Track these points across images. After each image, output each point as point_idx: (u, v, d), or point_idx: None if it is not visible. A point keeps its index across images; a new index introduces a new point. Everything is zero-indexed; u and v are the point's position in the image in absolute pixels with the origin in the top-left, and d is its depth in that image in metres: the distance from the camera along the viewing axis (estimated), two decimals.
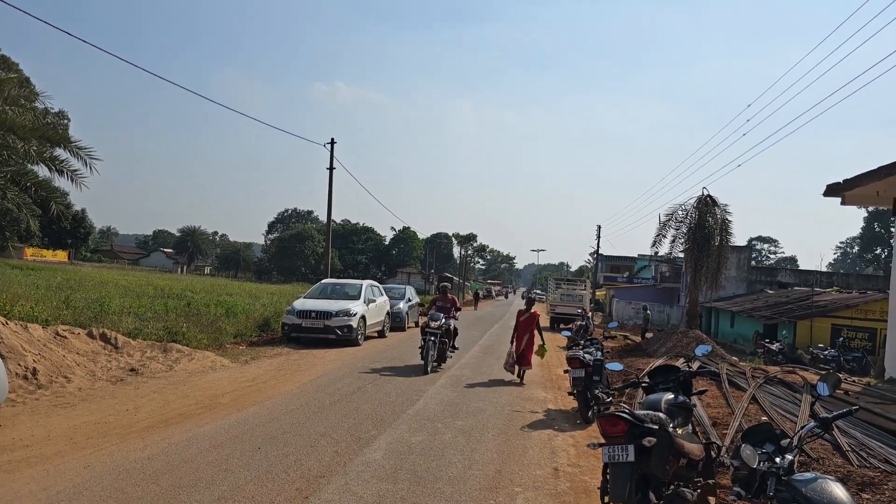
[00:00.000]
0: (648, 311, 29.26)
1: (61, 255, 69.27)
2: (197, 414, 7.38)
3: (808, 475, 2.97)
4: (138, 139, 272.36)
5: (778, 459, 3.09)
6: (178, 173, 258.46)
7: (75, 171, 11.90)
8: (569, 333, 11.66)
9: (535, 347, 11.79)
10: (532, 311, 11.97)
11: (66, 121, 36.95)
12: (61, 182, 12.79)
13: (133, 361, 10.29)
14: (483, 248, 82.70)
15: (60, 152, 12.04)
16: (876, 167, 10.18)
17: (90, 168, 11.88)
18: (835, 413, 3.29)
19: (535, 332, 11.76)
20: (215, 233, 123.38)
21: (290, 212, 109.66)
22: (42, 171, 12.73)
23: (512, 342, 11.76)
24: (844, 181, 11.15)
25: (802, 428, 3.35)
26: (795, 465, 3.14)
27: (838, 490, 2.86)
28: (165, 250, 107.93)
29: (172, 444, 6.02)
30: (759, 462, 3.07)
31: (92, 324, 11.94)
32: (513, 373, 11.47)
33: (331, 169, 24.08)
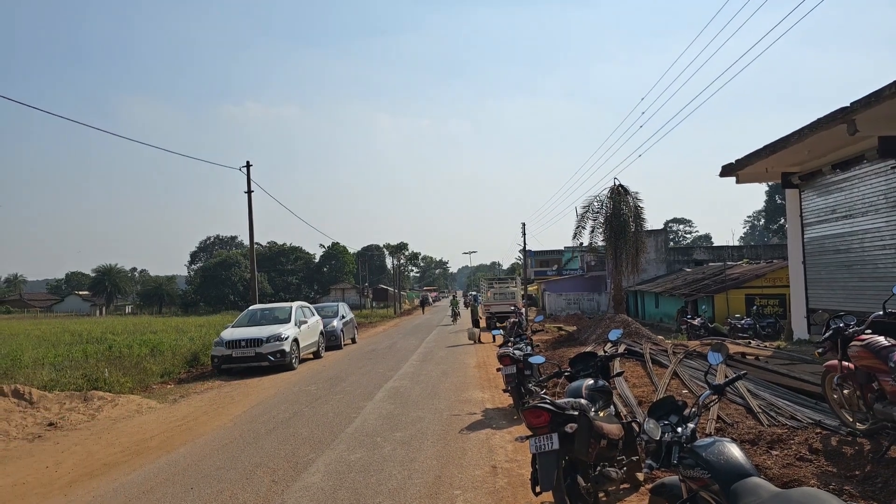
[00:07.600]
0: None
1: None
2: (124, 461, 7.08)
3: (707, 440, 3.21)
4: (37, 178, 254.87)
5: (680, 429, 3.33)
6: (87, 211, 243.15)
7: None
8: (499, 332, 11.84)
9: None
10: None
11: None
12: None
13: (51, 415, 9.74)
14: (415, 255, 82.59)
15: None
16: (761, 146, 10.98)
17: None
18: (726, 380, 3.58)
19: None
20: (134, 269, 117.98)
21: (212, 239, 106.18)
22: None
23: None
24: (736, 161, 11.94)
25: (699, 397, 3.62)
26: (697, 433, 3.38)
27: (734, 450, 3.11)
28: (81, 293, 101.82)
29: (98, 496, 5.76)
30: (664, 434, 3.30)
31: (2, 380, 11.21)
32: None
33: (249, 192, 23.58)
